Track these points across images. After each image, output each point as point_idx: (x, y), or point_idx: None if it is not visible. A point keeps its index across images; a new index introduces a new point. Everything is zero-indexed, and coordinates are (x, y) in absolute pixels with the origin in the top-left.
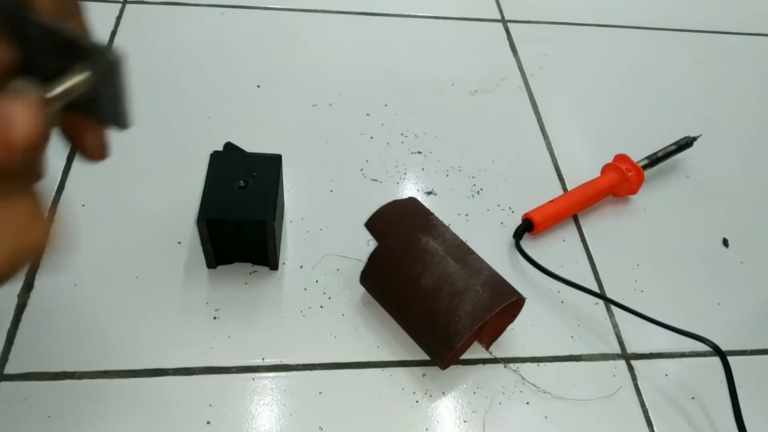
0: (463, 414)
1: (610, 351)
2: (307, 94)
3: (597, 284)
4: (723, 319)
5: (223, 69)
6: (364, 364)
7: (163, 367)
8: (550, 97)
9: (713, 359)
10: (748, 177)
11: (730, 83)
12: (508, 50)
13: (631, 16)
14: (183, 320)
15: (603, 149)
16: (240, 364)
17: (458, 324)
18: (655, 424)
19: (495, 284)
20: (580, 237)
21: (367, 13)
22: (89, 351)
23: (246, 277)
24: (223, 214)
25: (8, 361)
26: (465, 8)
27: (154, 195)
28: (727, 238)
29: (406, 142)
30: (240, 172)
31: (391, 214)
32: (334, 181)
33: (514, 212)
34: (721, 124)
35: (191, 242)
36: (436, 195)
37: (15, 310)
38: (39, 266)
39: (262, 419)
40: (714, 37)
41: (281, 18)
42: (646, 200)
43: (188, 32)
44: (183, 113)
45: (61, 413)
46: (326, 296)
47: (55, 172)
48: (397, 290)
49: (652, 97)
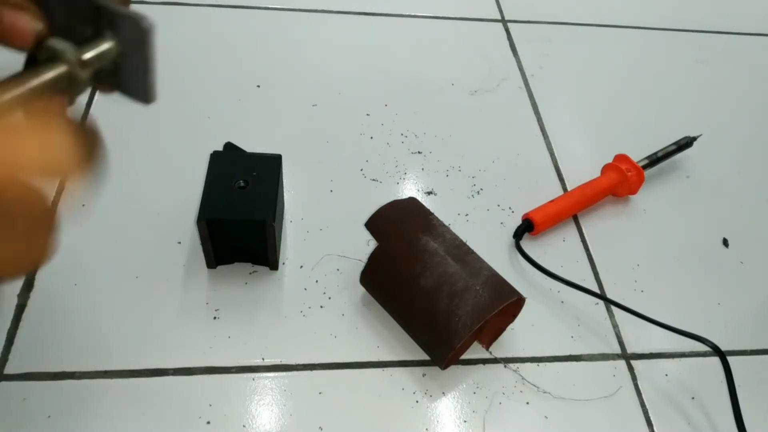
0: (463, 414)
1: (610, 351)
2: (307, 94)
3: (597, 284)
4: (723, 319)
5: (223, 69)
6: (364, 364)
7: (163, 367)
8: (550, 97)
9: (713, 359)
10: (748, 177)
11: (730, 83)
12: (508, 50)
13: (631, 16)
14: (183, 320)
15: (603, 149)
16: (240, 364)
17: (458, 324)
18: (655, 424)
19: (495, 284)
20: (580, 237)
21: (367, 13)
22: (89, 351)
23: (246, 277)
24: (223, 214)
25: (8, 361)
26: (465, 8)
27: (154, 195)
28: (727, 238)
29: (406, 142)
30: (240, 172)
31: (391, 214)
32: (334, 181)
33: (514, 212)
34: (721, 124)
35: (191, 242)
36: (436, 195)
37: (15, 310)
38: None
39: (262, 419)
40: (714, 37)
41: (281, 18)
42: (646, 200)
43: (188, 32)
44: (183, 113)
45: (61, 413)
46: (326, 296)
47: None
48: (397, 290)
49: (652, 97)
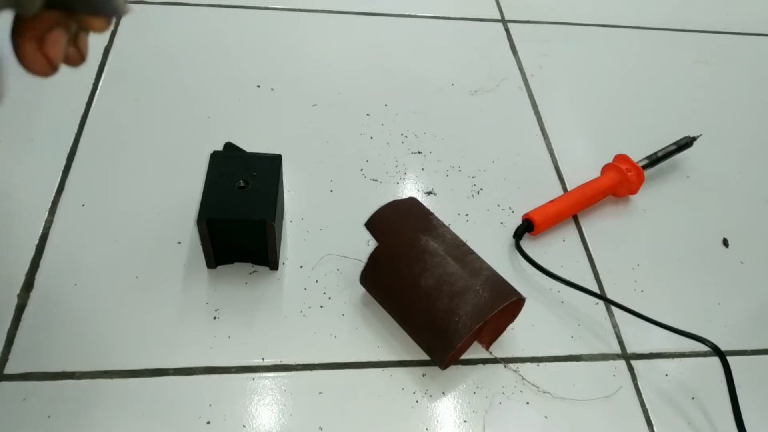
0: (463, 414)
1: (610, 351)
2: (307, 94)
3: (597, 284)
4: (723, 319)
5: (223, 69)
6: (364, 364)
7: (163, 367)
8: (550, 97)
9: (713, 359)
10: (748, 177)
11: (730, 83)
12: (508, 50)
13: (631, 16)
14: (183, 320)
15: (603, 149)
16: (240, 364)
17: (458, 324)
18: (655, 424)
19: (495, 284)
20: (580, 237)
21: (367, 13)
22: (89, 351)
23: (246, 277)
24: (223, 214)
25: (8, 361)
26: (465, 8)
27: (154, 195)
28: (727, 238)
29: (406, 142)
30: (240, 172)
31: (391, 214)
32: (334, 181)
33: (514, 212)
34: (721, 124)
35: (191, 242)
36: (436, 195)
37: (15, 310)
38: (39, 266)
39: (262, 419)
40: (714, 37)
41: (281, 18)
42: (646, 200)
43: (188, 32)
44: (183, 113)
45: (61, 413)
46: (326, 296)
47: (55, 172)
48: (397, 290)
49: (652, 97)
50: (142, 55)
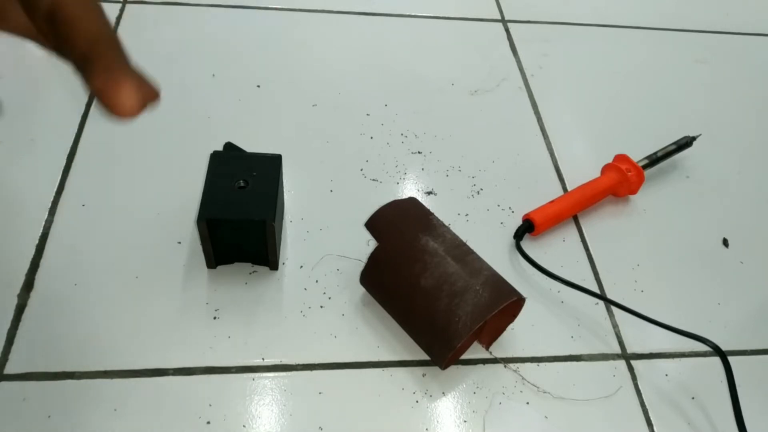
0: (463, 414)
1: (610, 351)
2: (307, 94)
3: (597, 284)
4: (723, 319)
5: (223, 69)
6: (364, 364)
7: (163, 367)
8: (550, 97)
9: (713, 359)
10: (748, 177)
11: (730, 83)
12: (508, 50)
13: (631, 16)
14: (183, 320)
15: (603, 149)
16: (240, 364)
17: (458, 324)
18: (655, 424)
19: (495, 284)
20: (580, 237)
21: (367, 13)
22: (89, 351)
23: (246, 277)
24: (223, 213)
25: (8, 361)
26: (465, 8)
27: (154, 195)
28: (727, 238)
29: (406, 142)
30: (240, 172)
31: (390, 214)
32: (334, 181)
33: (514, 212)
34: (721, 124)
35: (191, 242)
36: (436, 195)
37: (15, 310)
38: (39, 266)
39: (262, 419)
40: (714, 37)
41: (281, 18)
42: (646, 200)
43: (188, 32)
44: (183, 113)
45: (61, 413)
46: (326, 296)
47: (55, 172)
48: (397, 290)
49: (652, 97)
50: (142, 55)
